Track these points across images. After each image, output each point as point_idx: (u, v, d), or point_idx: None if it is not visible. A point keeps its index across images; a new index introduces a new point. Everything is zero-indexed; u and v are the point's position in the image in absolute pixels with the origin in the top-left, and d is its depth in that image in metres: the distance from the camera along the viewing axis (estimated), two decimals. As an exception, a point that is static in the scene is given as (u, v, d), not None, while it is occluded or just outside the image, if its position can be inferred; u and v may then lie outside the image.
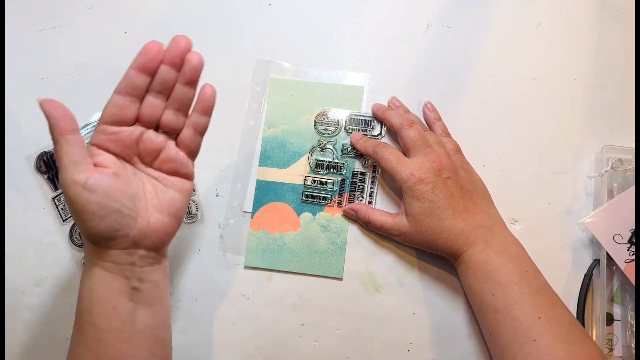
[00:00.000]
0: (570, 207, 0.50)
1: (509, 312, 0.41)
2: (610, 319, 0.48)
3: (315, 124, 0.52)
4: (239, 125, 0.52)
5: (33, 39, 0.54)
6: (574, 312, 0.48)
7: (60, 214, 0.51)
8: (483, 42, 0.54)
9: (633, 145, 0.51)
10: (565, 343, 0.39)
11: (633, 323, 0.47)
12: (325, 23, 0.54)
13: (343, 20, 0.54)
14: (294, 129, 0.52)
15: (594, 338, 0.47)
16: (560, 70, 0.53)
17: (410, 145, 0.47)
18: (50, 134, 0.34)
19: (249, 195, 0.51)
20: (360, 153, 0.51)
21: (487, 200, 0.48)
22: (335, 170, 0.51)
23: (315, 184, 0.51)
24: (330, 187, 0.51)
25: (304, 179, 0.51)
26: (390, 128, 0.50)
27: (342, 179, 0.51)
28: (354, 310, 0.49)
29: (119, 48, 0.53)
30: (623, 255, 0.46)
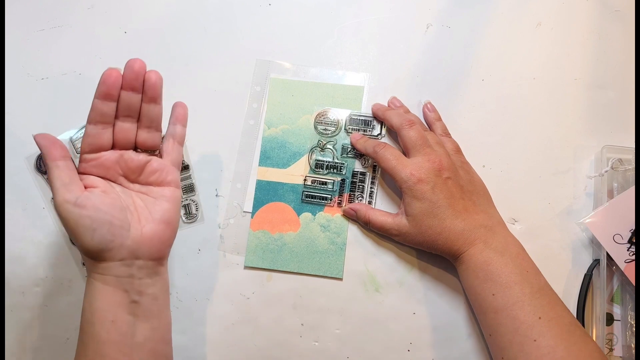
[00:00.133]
0: (570, 207, 0.50)
1: (510, 312, 0.41)
2: (610, 319, 0.48)
3: (315, 124, 0.52)
4: (239, 125, 0.52)
5: (33, 39, 0.54)
6: (574, 312, 0.48)
7: (60, 214, 0.51)
8: (483, 42, 0.54)
9: (633, 145, 0.51)
10: (566, 343, 0.39)
11: (633, 323, 0.47)
12: (325, 23, 0.54)
13: (343, 20, 0.54)
14: (294, 129, 0.52)
15: (594, 338, 0.47)
16: (560, 70, 0.53)
17: (410, 145, 0.47)
18: (44, 162, 0.37)
19: (249, 195, 0.51)
20: (360, 153, 0.51)
21: (487, 201, 0.48)
22: (335, 170, 0.51)
23: (315, 184, 0.51)
24: (330, 187, 0.51)
25: (304, 179, 0.51)
26: (390, 128, 0.50)
27: (342, 179, 0.51)
28: (354, 310, 0.49)
29: (119, 48, 0.53)
30: (623, 255, 0.46)
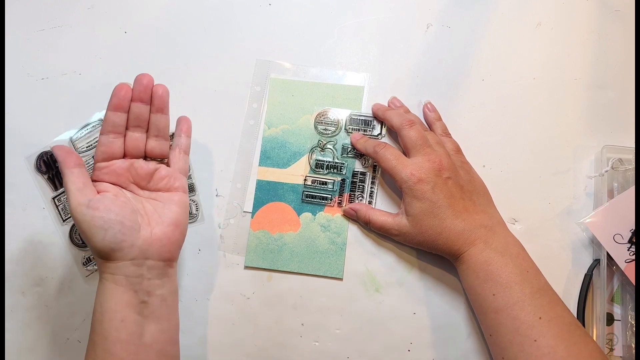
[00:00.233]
0: (570, 207, 0.50)
1: (510, 312, 0.41)
2: (611, 319, 0.48)
3: (315, 124, 0.52)
4: (239, 125, 0.52)
5: (33, 39, 0.54)
6: (574, 312, 0.48)
7: (60, 214, 0.51)
8: (483, 42, 0.54)
9: (633, 145, 0.51)
10: (566, 343, 0.39)
11: (633, 323, 0.47)
12: (325, 23, 0.54)
13: (343, 20, 0.54)
14: (294, 129, 0.52)
15: (594, 338, 0.47)
16: (560, 70, 0.53)
17: (411, 145, 0.47)
18: (60, 170, 0.41)
19: (249, 195, 0.51)
20: (360, 153, 0.51)
21: (487, 201, 0.48)
22: (335, 170, 0.51)
23: (315, 184, 0.51)
24: (330, 187, 0.51)
25: (304, 179, 0.51)
26: (391, 128, 0.50)
27: (342, 179, 0.51)
28: (354, 310, 0.49)
29: (119, 48, 0.53)
30: (623, 255, 0.46)
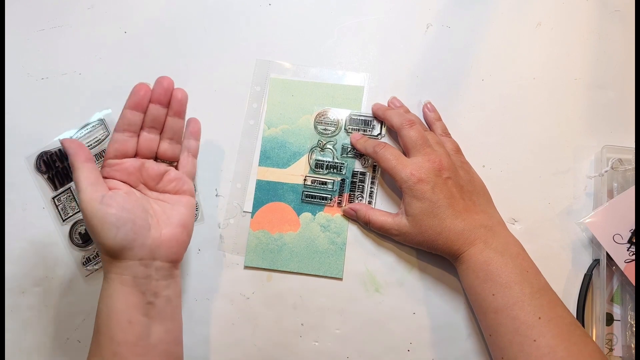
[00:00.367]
0: (570, 207, 0.50)
1: (510, 312, 0.41)
2: (610, 319, 0.48)
3: (315, 124, 0.52)
4: (239, 125, 0.52)
5: (33, 39, 0.54)
6: (574, 312, 0.48)
7: (60, 214, 0.51)
8: (483, 42, 0.54)
9: (633, 145, 0.51)
10: (566, 343, 0.39)
11: (633, 323, 0.47)
12: (325, 23, 0.54)
13: (343, 20, 0.54)
14: (294, 129, 0.52)
15: (594, 338, 0.47)
16: (560, 70, 0.53)
17: (411, 145, 0.47)
18: (70, 164, 0.40)
19: (249, 195, 0.51)
20: (360, 153, 0.51)
21: (487, 201, 0.48)
22: (335, 170, 0.51)
23: (315, 184, 0.51)
24: (330, 187, 0.51)
25: (304, 179, 0.51)
26: (391, 127, 0.50)
27: (342, 179, 0.51)
28: (354, 310, 0.49)
29: (119, 48, 0.54)
30: (623, 255, 0.46)
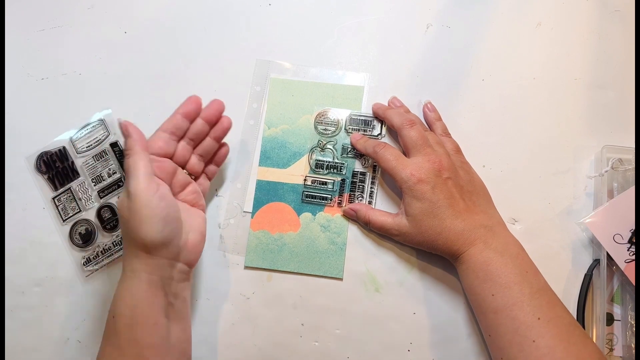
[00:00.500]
0: (570, 207, 0.50)
1: (509, 312, 0.41)
2: (610, 319, 0.48)
3: (315, 124, 0.52)
4: (239, 125, 0.52)
5: (33, 39, 0.54)
6: (574, 312, 0.48)
7: (60, 214, 0.51)
8: (483, 42, 0.54)
9: (633, 145, 0.51)
10: (565, 344, 0.39)
11: (633, 323, 0.47)
12: (325, 23, 0.54)
13: (343, 20, 0.54)
14: (294, 129, 0.52)
15: (594, 338, 0.47)
16: (560, 70, 0.53)
17: (411, 145, 0.47)
18: (128, 148, 0.40)
19: (249, 195, 0.51)
20: (360, 153, 0.51)
21: (487, 201, 0.48)
22: (335, 170, 0.51)
23: (315, 184, 0.51)
24: (330, 187, 0.51)
25: (304, 179, 0.51)
26: (391, 127, 0.50)
27: (342, 179, 0.51)
28: (354, 310, 0.49)
29: (119, 48, 0.54)
30: (623, 255, 0.46)
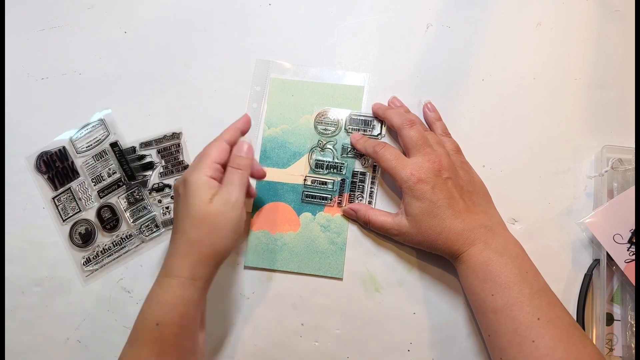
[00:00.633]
0: (570, 207, 0.50)
1: (509, 312, 0.41)
2: (610, 319, 0.48)
3: (315, 124, 0.52)
4: (239, 125, 0.52)
5: (33, 39, 0.54)
6: (574, 312, 0.48)
7: (60, 214, 0.51)
8: (483, 42, 0.54)
9: (633, 145, 0.51)
10: (565, 344, 0.39)
11: (633, 323, 0.47)
12: (325, 23, 0.54)
13: (343, 20, 0.54)
14: (294, 129, 0.52)
15: (594, 338, 0.47)
16: (560, 70, 0.53)
17: (411, 145, 0.47)
18: (242, 166, 0.43)
19: (249, 195, 0.51)
20: (360, 153, 0.51)
21: (487, 201, 0.48)
22: (335, 170, 0.51)
23: (315, 184, 0.51)
24: (330, 187, 0.51)
25: (304, 179, 0.51)
26: (391, 127, 0.50)
27: (342, 179, 0.51)
28: (354, 310, 0.49)
29: (119, 48, 0.54)
30: (623, 255, 0.46)
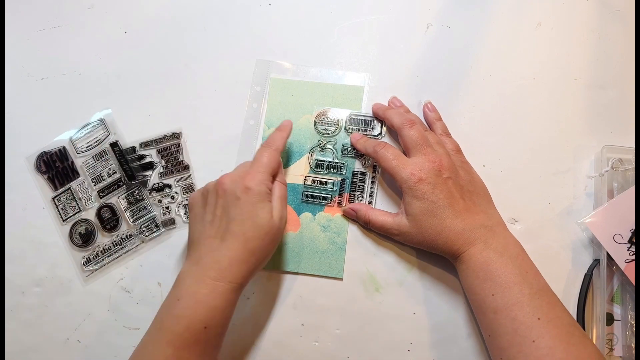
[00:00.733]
0: (570, 207, 0.50)
1: (509, 312, 0.41)
2: (610, 319, 0.48)
3: (315, 124, 0.52)
4: (239, 125, 0.52)
5: (33, 39, 0.54)
6: (574, 312, 0.48)
7: (60, 214, 0.51)
8: (483, 42, 0.54)
9: (633, 145, 0.51)
10: (565, 344, 0.39)
11: (633, 323, 0.47)
12: (325, 23, 0.54)
13: (343, 20, 0.54)
14: (294, 129, 0.52)
15: (594, 338, 0.47)
16: (560, 70, 0.53)
17: (411, 145, 0.47)
18: (283, 182, 0.47)
19: (249, 195, 0.51)
20: (360, 153, 0.51)
21: (487, 201, 0.48)
22: (335, 170, 0.51)
23: (315, 184, 0.51)
24: (330, 187, 0.51)
25: (304, 179, 0.51)
26: (391, 127, 0.50)
27: (342, 179, 0.51)
28: (354, 310, 0.49)
29: (119, 48, 0.54)
30: (623, 255, 0.46)
